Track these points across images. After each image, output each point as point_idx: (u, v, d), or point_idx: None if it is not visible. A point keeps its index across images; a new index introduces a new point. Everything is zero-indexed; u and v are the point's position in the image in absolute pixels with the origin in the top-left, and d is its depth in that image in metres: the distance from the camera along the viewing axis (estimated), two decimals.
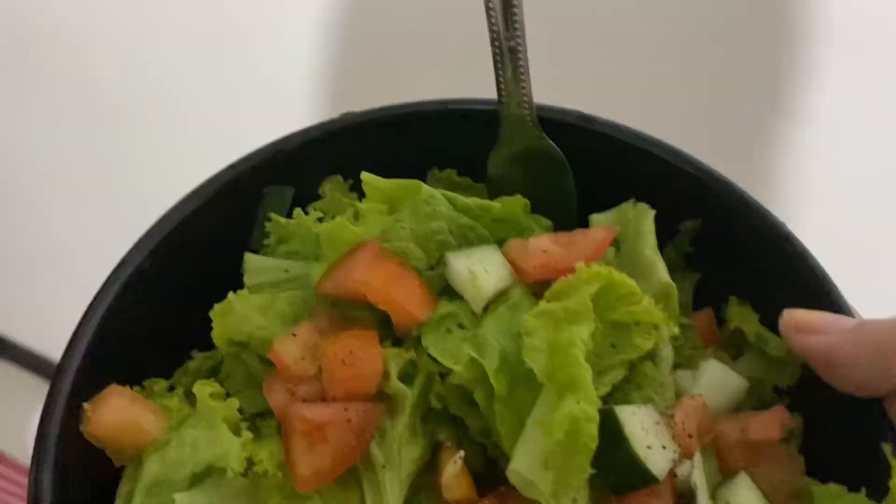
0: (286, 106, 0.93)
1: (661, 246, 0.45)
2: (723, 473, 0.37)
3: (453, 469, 0.35)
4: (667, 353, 0.41)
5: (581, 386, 0.33)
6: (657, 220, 0.44)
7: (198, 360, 0.44)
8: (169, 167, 1.12)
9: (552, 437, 0.32)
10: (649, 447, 0.34)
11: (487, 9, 0.42)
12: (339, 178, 0.47)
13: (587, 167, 0.46)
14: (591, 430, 0.32)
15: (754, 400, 0.41)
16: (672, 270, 0.46)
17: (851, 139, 0.68)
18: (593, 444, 0.32)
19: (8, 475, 1.63)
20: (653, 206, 0.44)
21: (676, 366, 0.41)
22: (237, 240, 0.45)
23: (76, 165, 1.25)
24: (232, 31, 0.90)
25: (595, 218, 0.44)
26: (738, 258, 0.43)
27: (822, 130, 0.68)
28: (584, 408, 0.32)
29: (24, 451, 1.60)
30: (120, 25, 0.97)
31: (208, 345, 0.42)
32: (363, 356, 0.36)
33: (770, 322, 0.41)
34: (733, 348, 0.44)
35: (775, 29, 0.61)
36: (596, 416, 0.32)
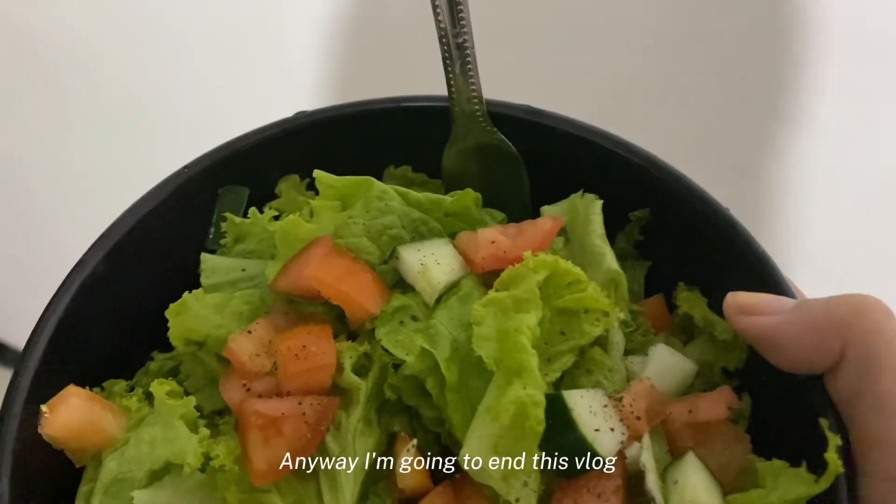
0: (291, 109, 0.94)
1: (613, 236, 0.46)
2: (672, 454, 0.38)
3: (407, 457, 0.35)
4: (617, 339, 0.42)
5: (527, 371, 0.34)
6: (608, 210, 0.45)
7: (158, 360, 0.44)
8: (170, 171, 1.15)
9: (500, 422, 0.33)
10: (597, 430, 0.35)
11: (434, 7, 0.43)
12: (296, 177, 0.48)
13: (539, 160, 0.47)
14: (538, 414, 0.33)
15: (704, 382, 0.42)
16: (623, 259, 0.47)
17: (852, 145, 0.69)
18: (540, 428, 0.33)
19: None
20: (603, 197, 0.45)
21: (628, 352, 0.42)
22: (194, 240, 0.45)
23: (79, 171, 1.23)
24: (235, 36, 0.92)
25: (545, 209, 0.45)
26: (687, 245, 0.44)
27: (823, 136, 0.69)
28: (531, 392, 0.33)
29: None
30: (123, 31, 0.99)
31: (169, 345, 0.42)
32: (316, 350, 0.37)
33: (718, 307, 0.42)
34: (684, 333, 0.45)
35: (776, 36, 0.63)
36: (542, 401, 0.33)
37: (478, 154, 0.48)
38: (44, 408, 0.37)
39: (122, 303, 0.43)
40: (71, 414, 0.37)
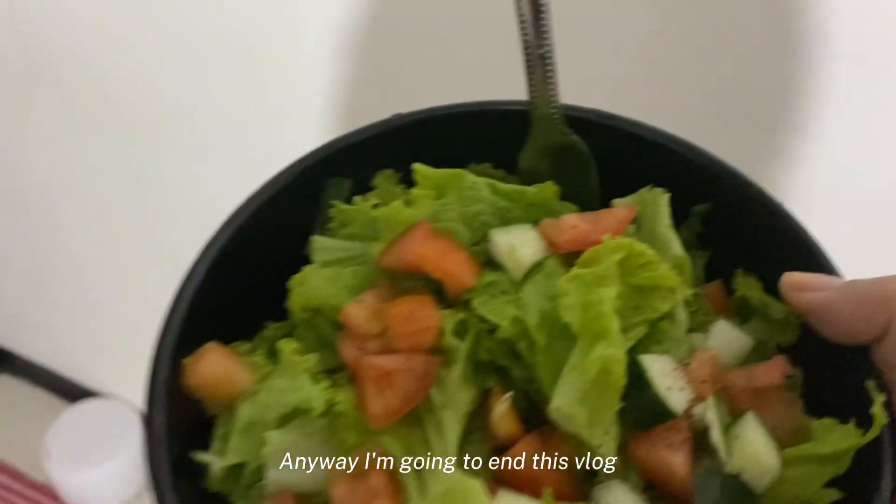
0: (303, 118, 0.95)
1: (675, 228, 0.51)
2: (732, 416, 0.43)
3: (502, 407, 0.41)
4: (683, 317, 0.47)
5: (610, 334, 0.39)
6: (672, 205, 0.50)
7: (272, 329, 0.50)
8: (182, 183, 1.15)
9: (587, 377, 0.38)
10: (668, 388, 0.40)
11: (520, 20, 0.48)
12: (391, 171, 0.54)
13: (608, 160, 0.52)
14: (620, 370, 0.38)
15: (759, 358, 0.47)
16: (685, 249, 0.52)
17: (861, 151, 0.73)
18: (622, 382, 0.38)
19: (23, 492, 1.67)
20: (667, 193, 0.50)
21: (690, 330, 0.47)
22: (304, 225, 0.51)
23: (90, 182, 1.26)
24: (247, 45, 0.92)
25: (616, 202, 0.50)
26: (744, 236, 0.49)
27: (832, 143, 0.72)
28: (613, 352, 0.38)
29: (37, 467, 1.64)
30: (135, 42, 0.99)
31: (280, 317, 0.49)
32: (422, 314, 0.42)
33: (771, 290, 0.47)
34: (740, 315, 0.50)
35: (783, 42, 0.66)
36: (623, 359, 0.38)
37: (552, 154, 0.53)
38: (187, 361, 0.44)
39: (243, 276, 0.49)
40: (210, 366, 0.44)
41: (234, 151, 1.06)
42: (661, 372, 0.41)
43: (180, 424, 0.43)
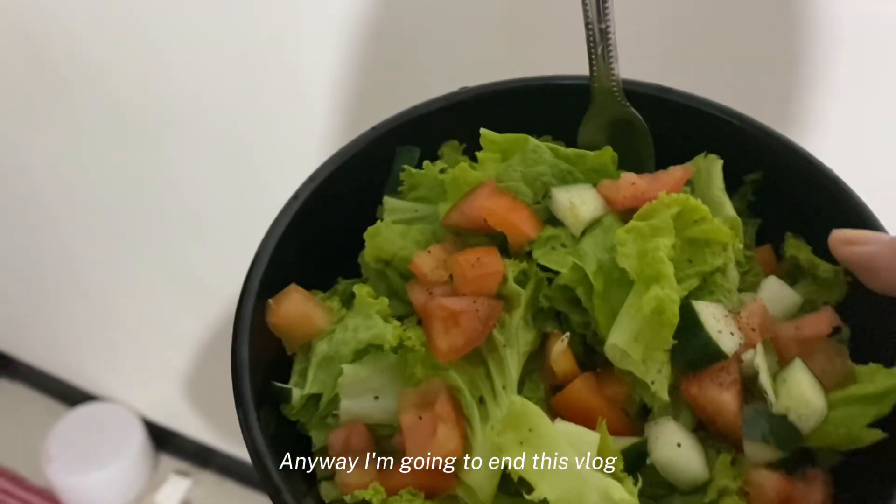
0: (305, 118, 0.95)
1: (728, 197, 0.54)
2: (781, 365, 0.45)
3: (560, 346, 0.44)
4: (734, 276, 0.49)
5: (664, 277, 0.42)
6: (725, 174, 0.53)
7: (343, 284, 0.54)
8: (184, 186, 1.15)
9: (642, 314, 0.41)
10: (720, 332, 0.43)
11: (585, 5, 0.52)
12: (455, 142, 0.58)
13: (664, 132, 0.55)
14: (674, 309, 0.41)
15: None
16: (738, 217, 0.54)
17: (861, 146, 0.74)
18: (675, 320, 0.41)
19: (23, 496, 1.70)
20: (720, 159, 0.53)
21: (741, 290, 0.50)
22: (376, 187, 0.55)
23: (91, 185, 1.25)
24: (250, 47, 0.92)
25: (673, 168, 0.53)
26: (794, 202, 0.51)
27: (833, 138, 0.73)
28: (668, 292, 0.41)
29: (37, 472, 1.67)
30: (139, 46, 0.99)
31: (352, 275, 0.53)
32: (487, 260, 0.46)
33: (820, 253, 0.49)
34: (789, 278, 0.52)
35: (784, 36, 0.68)
36: (677, 299, 0.41)
37: (611, 127, 0.56)
38: (271, 301, 0.48)
39: (320, 232, 0.53)
40: (291, 305, 0.48)
41: (236, 153, 1.06)
42: (713, 316, 0.43)
43: (262, 358, 0.47)
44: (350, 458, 0.44)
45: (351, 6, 0.82)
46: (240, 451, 1.59)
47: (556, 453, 0.37)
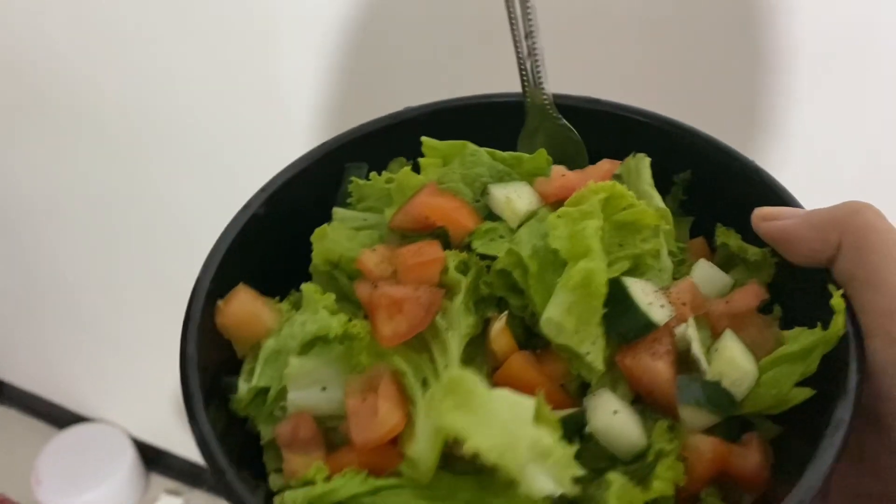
0: (285, 131, 0.97)
1: (662, 196, 0.56)
2: (714, 339, 0.47)
3: (498, 325, 0.46)
4: (668, 264, 0.51)
5: (592, 251, 0.44)
6: (657, 176, 0.56)
7: (296, 296, 0.55)
8: (170, 201, 1.16)
9: (570, 287, 0.43)
10: (650, 303, 0.44)
11: (510, 19, 0.56)
12: (402, 159, 0.60)
13: (596, 139, 0.58)
14: (601, 278, 0.43)
15: None
16: (673, 216, 0.57)
17: (826, 149, 0.78)
18: (603, 290, 0.43)
19: None
20: (652, 166, 0.56)
21: (675, 277, 0.52)
22: (327, 200, 0.58)
23: (78, 206, 1.26)
24: (229, 62, 0.94)
25: (601, 161, 0.56)
26: (722, 194, 0.54)
27: (798, 142, 0.77)
28: (596, 263, 0.43)
29: (28, 495, 1.63)
30: (120, 61, 1.00)
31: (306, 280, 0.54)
32: (428, 250, 0.48)
33: (749, 239, 0.52)
34: (724, 266, 0.54)
35: (748, 43, 0.73)
36: (604, 269, 0.43)
37: (547, 138, 0.59)
38: (220, 302, 0.49)
39: (273, 240, 0.55)
40: (239, 306, 0.49)
41: (219, 167, 1.08)
42: (643, 290, 0.45)
43: (214, 358, 0.48)
44: (297, 448, 0.44)
45: (327, 19, 0.86)
46: None
47: (492, 413, 0.38)
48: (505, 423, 0.37)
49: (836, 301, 0.41)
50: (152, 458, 1.75)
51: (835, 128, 0.75)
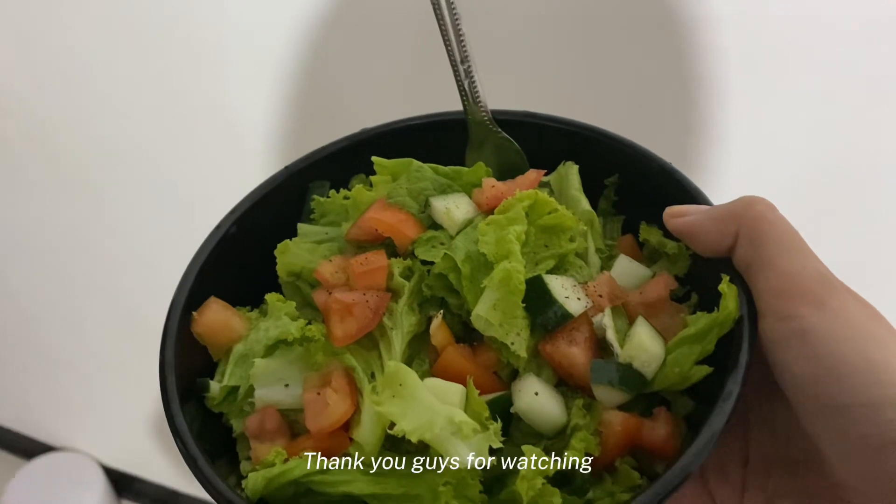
0: (241, 161, 1.01)
1: (596, 200, 0.62)
2: (630, 325, 0.52)
3: (436, 322, 0.51)
4: (595, 261, 0.57)
5: (513, 254, 0.50)
6: (591, 181, 0.61)
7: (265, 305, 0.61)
8: (128, 230, 1.18)
9: (493, 282, 0.49)
10: (567, 297, 0.50)
11: (446, 46, 0.61)
12: (363, 175, 0.66)
13: (535, 149, 0.64)
14: (519, 277, 0.48)
15: None
16: (605, 216, 0.63)
17: (760, 152, 0.82)
18: (521, 287, 0.48)
19: None
20: (585, 172, 0.61)
21: (603, 269, 0.57)
22: (292, 217, 0.64)
23: (38, 237, 1.26)
24: (184, 90, 0.98)
25: (528, 171, 0.61)
26: (646, 195, 0.60)
27: (731, 146, 0.81)
28: (514, 265, 0.49)
29: None
30: (75, 96, 1.02)
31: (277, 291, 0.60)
32: (374, 259, 0.54)
33: (670, 235, 0.57)
34: (649, 260, 0.59)
35: (674, 49, 0.78)
36: (522, 270, 0.49)
37: (493, 151, 0.65)
38: (194, 313, 0.55)
39: (244, 257, 0.61)
40: (211, 316, 0.55)
41: (176, 197, 1.11)
42: (561, 286, 0.51)
43: (188, 361, 0.54)
44: (264, 438, 0.51)
45: (277, 49, 0.91)
46: (205, 493, 1.58)
47: (419, 399, 0.44)
48: (428, 406, 0.43)
49: (723, 286, 0.47)
50: (124, 485, 1.75)
51: (768, 130, 0.80)
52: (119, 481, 1.74)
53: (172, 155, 1.07)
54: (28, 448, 1.79)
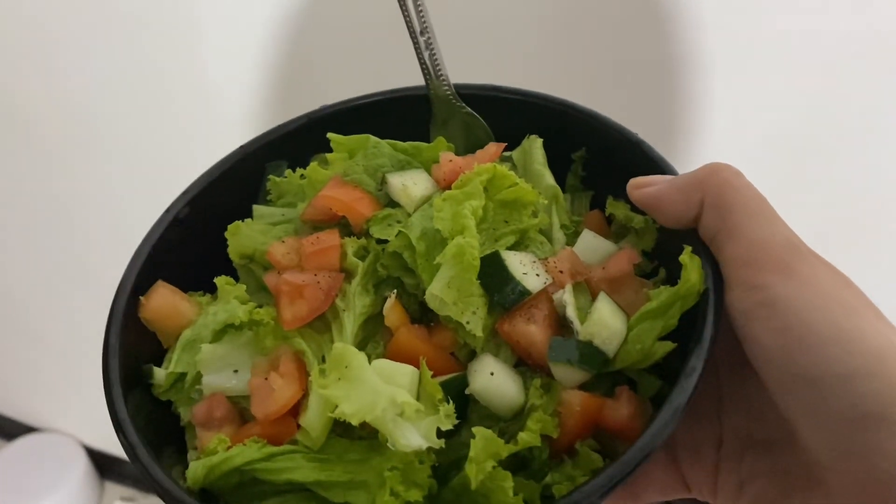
0: (216, 131, 1.00)
1: (564, 175, 0.60)
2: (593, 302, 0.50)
3: (389, 302, 0.49)
4: (559, 237, 0.55)
5: (467, 229, 0.47)
6: (559, 156, 0.59)
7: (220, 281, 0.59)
8: (104, 203, 1.17)
9: (446, 258, 0.46)
10: (525, 273, 0.48)
11: (405, 17, 0.59)
12: (323, 155, 0.64)
13: (500, 123, 0.62)
14: (473, 253, 0.46)
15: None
16: (574, 192, 0.60)
17: (739, 111, 0.80)
18: (475, 263, 0.46)
19: None
20: (552, 146, 0.59)
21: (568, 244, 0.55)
22: (248, 199, 0.62)
23: (15, 216, 1.26)
24: (158, 56, 0.96)
25: (488, 145, 0.59)
26: (614, 168, 0.57)
27: (703, 111, 0.79)
28: (469, 240, 0.47)
29: None
30: (44, 65, 1.01)
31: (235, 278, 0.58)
32: (325, 238, 0.52)
33: (638, 209, 0.55)
34: (617, 235, 0.57)
35: (656, 17, 0.76)
36: (476, 245, 0.47)
37: (456, 129, 0.63)
38: (142, 298, 0.53)
39: (196, 238, 0.58)
40: (159, 301, 0.53)
41: (151, 167, 1.09)
42: (520, 262, 0.48)
43: (135, 347, 0.52)
44: (212, 426, 0.48)
45: (251, 17, 0.89)
46: None
47: (364, 381, 0.42)
48: (371, 387, 0.40)
49: (684, 257, 0.44)
50: (106, 466, 1.74)
51: (746, 94, 0.78)
52: (102, 462, 1.73)
53: (147, 126, 1.04)
54: (9, 429, 1.79)
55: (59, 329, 1.49)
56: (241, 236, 0.56)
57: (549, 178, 0.56)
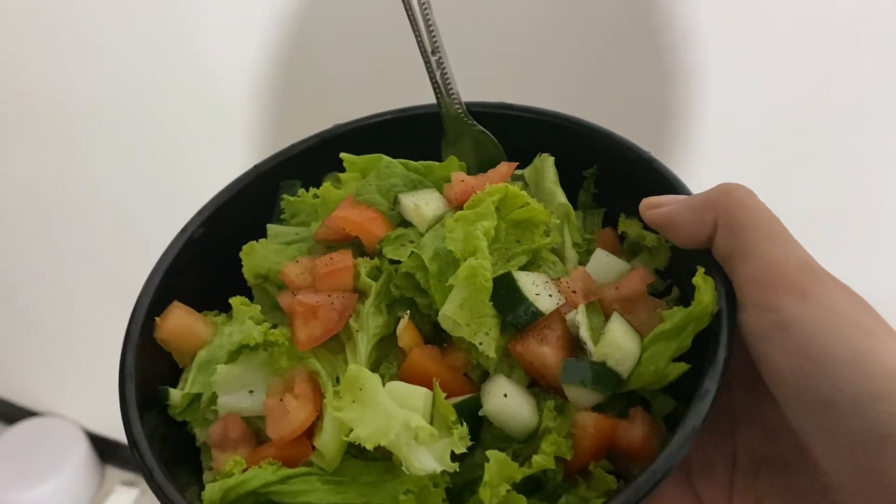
0: (225, 117, 0.99)
1: (576, 193, 0.60)
2: (606, 322, 0.50)
3: (403, 322, 0.49)
4: (571, 255, 0.55)
5: (479, 251, 0.48)
6: (570, 173, 0.59)
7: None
8: (112, 196, 1.16)
9: (459, 280, 0.46)
10: (537, 294, 0.48)
11: (416, 36, 0.59)
12: (336, 174, 0.64)
13: (512, 141, 0.62)
14: (486, 275, 0.46)
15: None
16: (586, 209, 0.60)
17: (735, 91, 0.80)
18: (488, 285, 0.46)
19: None
20: (563, 163, 0.59)
21: (581, 263, 0.55)
22: (263, 217, 0.62)
23: (17, 202, 1.25)
24: (166, 44, 0.97)
25: (500, 164, 0.59)
26: (626, 186, 0.57)
27: (713, 87, 0.79)
28: (481, 262, 0.47)
29: None
30: (52, 49, 1.01)
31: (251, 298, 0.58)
32: (338, 259, 0.52)
33: (651, 227, 0.55)
34: (630, 254, 0.57)
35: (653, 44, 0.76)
36: (489, 266, 0.47)
37: (467, 146, 0.63)
38: (157, 319, 0.54)
39: (211, 258, 0.59)
40: (174, 321, 0.53)
41: (158, 154, 1.09)
42: (532, 282, 0.48)
43: (150, 368, 0.52)
44: (227, 447, 0.49)
45: (259, 41, 0.89)
46: None
47: (378, 403, 0.42)
48: (385, 411, 0.41)
49: (698, 279, 0.44)
50: (107, 451, 1.73)
51: (742, 74, 0.77)
52: (102, 447, 1.73)
53: (152, 110, 1.04)
54: (10, 413, 1.78)
55: (59, 314, 1.48)
56: (256, 256, 0.56)
57: (560, 197, 0.56)
